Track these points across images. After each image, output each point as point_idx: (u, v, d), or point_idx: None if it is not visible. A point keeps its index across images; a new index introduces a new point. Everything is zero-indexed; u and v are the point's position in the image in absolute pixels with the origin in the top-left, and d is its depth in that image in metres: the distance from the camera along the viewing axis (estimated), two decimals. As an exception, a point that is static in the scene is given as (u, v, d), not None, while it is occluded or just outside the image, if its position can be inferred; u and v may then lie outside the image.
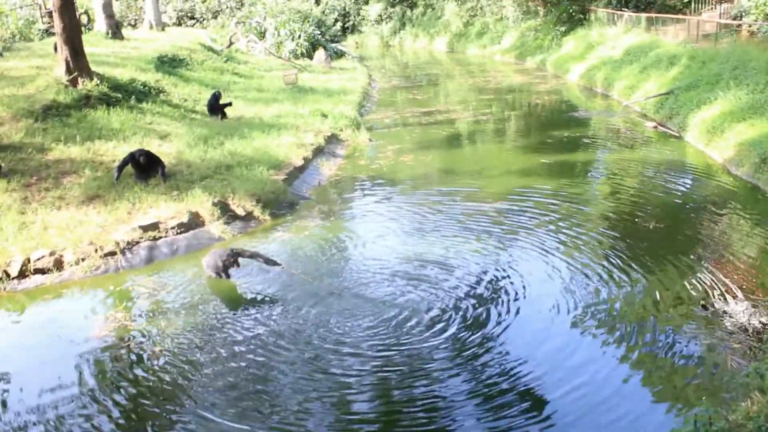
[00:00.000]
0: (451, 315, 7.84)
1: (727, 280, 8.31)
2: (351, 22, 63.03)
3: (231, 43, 32.46)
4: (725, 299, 7.81)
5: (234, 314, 8.23)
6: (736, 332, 7.06)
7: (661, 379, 6.48)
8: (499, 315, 7.82)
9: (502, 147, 17.78)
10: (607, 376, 6.62)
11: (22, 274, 9.21)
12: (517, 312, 7.91)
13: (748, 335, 6.96)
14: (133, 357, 7.29)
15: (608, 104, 22.54)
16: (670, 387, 6.36)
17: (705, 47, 21.09)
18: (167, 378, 6.86)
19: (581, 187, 13.12)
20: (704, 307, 7.65)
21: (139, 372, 7.00)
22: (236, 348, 7.38)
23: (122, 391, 6.69)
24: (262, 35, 35.93)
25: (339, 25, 59.87)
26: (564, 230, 10.43)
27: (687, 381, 6.41)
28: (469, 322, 7.66)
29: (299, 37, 35.29)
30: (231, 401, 6.43)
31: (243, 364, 7.06)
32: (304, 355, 7.17)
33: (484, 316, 7.80)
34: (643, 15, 27.79)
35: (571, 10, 33.42)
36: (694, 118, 16.19)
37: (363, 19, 62.29)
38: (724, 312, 7.49)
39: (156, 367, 7.06)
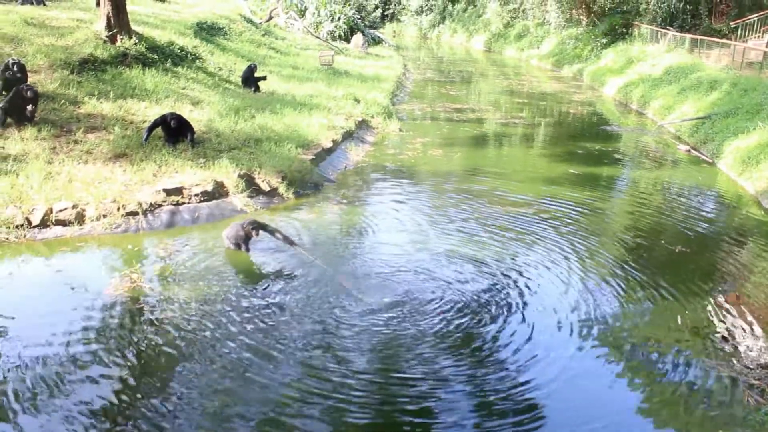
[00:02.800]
0: (457, 315, 7.70)
1: (749, 315, 8.15)
2: (391, 10, 62.99)
3: (270, 18, 32.45)
4: (746, 333, 7.66)
5: (247, 289, 8.18)
6: (755, 368, 6.91)
7: (675, 410, 6.33)
8: (508, 323, 7.63)
9: (530, 152, 17.61)
10: (616, 401, 6.45)
11: (44, 224, 9.21)
12: (527, 323, 7.68)
13: (768, 372, 6.82)
14: (142, 319, 7.26)
15: (642, 122, 22.27)
16: (683, 418, 6.21)
17: (748, 75, 20.77)
18: (172, 343, 6.83)
19: (607, 202, 12.95)
20: (725, 339, 7.50)
21: (145, 334, 6.97)
22: (243, 323, 7.32)
23: (126, 350, 6.66)
24: (302, 13, 35.91)
25: (379, 11, 59.83)
26: (585, 243, 10.27)
27: (701, 413, 6.26)
28: (474, 326, 7.50)
29: (339, 19, 35.28)
30: (231, 375, 6.37)
31: (248, 339, 7.00)
32: (307, 338, 7.10)
33: (491, 322, 7.63)
34: (688, 36, 27.41)
35: (615, 24, 33.10)
36: (729, 145, 15.93)
37: (403, 8, 62.24)
38: (745, 346, 7.34)
39: (162, 332, 7.02)
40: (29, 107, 11.48)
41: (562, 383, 6.59)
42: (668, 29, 29.86)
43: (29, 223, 9.15)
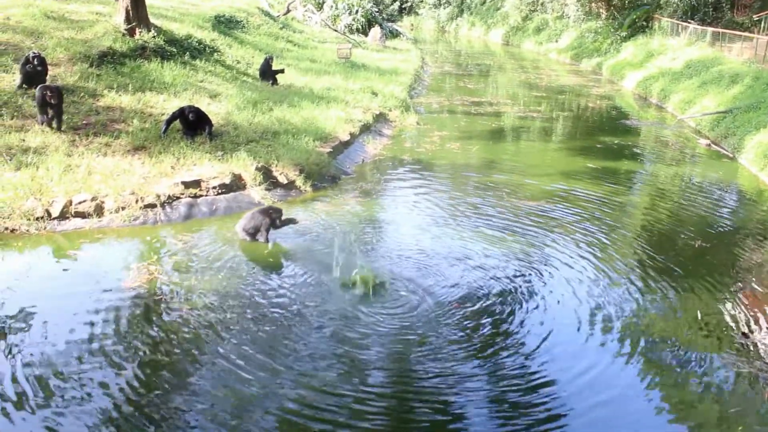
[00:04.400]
0: (474, 311, 7.66)
1: (770, 311, 8.07)
2: (409, 3, 62.89)
3: (288, 11, 32.45)
4: (766, 329, 7.57)
5: (263, 281, 8.19)
6: (776, 365, 6.85)
7: (693, 405, 6.28)
8: (524, 320, 7.58)
9: (548, 146, 17.52)
10: (634, 397, 6.37)
11: (63, 216, 9.27)
12: (544, 319, 7.62)
13: (789, 370, 6.74)
14: (160, 310, 7.29)
15: (662, 116, 22.07)
16: (701, 414, 6.16)
17: (771, 69, 20.52)
18: (190, 335, 6.85)
19: (626, 197, 12.83)
20: (745, 335, 7.42)
21: (163, 325, 7.00)
22: (260, 314, 7.35)
23: (145, 342, 6.70)
24: (319, 6, 35.90)
25: (396, 4, 59.78)
26: (604, 238, 10.19)
27: (720, 409, 6.21)
28: (492, 323, 7.45)
29: (356, 12, 35.22)
30: (248, 365, 6.38)
31: (265, 330, 7.03)
32: (324, 329, 7.12)
33: (509, 318, 7.58)
34: (709, 29, 27.11)
35: (636, 18, 32.81)
36: (751, 140, 15.74)
37: (421, 1, 62.08)
38: (765, 343, 7.26)
39: (180, 324, 7.04)
40: (56, 117, 11.45)
41: (584, 381, 6.51)
42: (689, 22, 29.55)
43: (49, 215, 9.22)
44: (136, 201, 9.74)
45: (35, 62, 12.44)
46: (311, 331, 7.07)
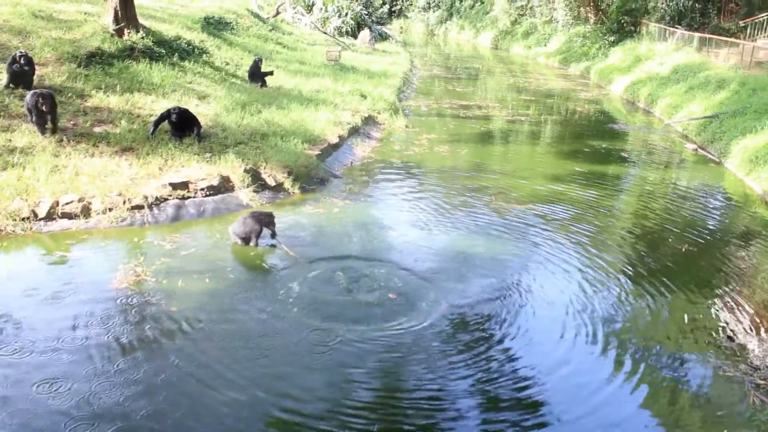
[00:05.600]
0: (461, 316, 7.66)
1: (755, 315, 8.12)
2: (398, 6, 63.09)
3: (278, 13, 32.44)
4: (752, 333, 7.62)
5: (252, 284, 8.16)
6: (761, 368, 6.89)
7: (680, 409, 6.32)
8: (511, 325, 7.56)
9: (536, 150, 17.58)
10: (619, 402, 6.39)
11: (50, 217, 9.21)
12: (530, 324, 7.62)
13: (774, 373, 6.79)
14: (146, 312, 7.24)
15: (649, 121, 22.21)
16: (688, 418, 6.19)
17: (757, 74, 20.70)
18: (176, 337, 6.82)
19: (613, 200, 12.90)
20: (730, 338, 7.47)
21: (148, 328, 6.94)
22: (248, 318, 7.31)
23: (130, 344, 6.64)
24: (309, 8, 35.90)
25: (386, 7, 59.91)
26: (591, 242, 10.23)
27: (707, 413, 6.24)
28: (479, 328, 7.45)
29: (346, 14, 35.27)
30: (233, 369, 6.35)
31: (250, 333, 7.00)
32: (309, 332, 7.09)
33: (495, 323, 7.58)
34: (696, 34, 27.31)
35: (622, 21, 32.98)
36: (737, 145, 15.87)
37: (411, 4, 62.32)
38: (751, 346, 7.31)
39: (166, 326, 6.99)
40: (49, 120, 11.33)
41: (569, 385, 6.54)
42: (676, 28, 29.76)
43: (35, 215, 9.15)
44: (124, 202, 9.69)
45: (22, 62, 12.35)
46: (297, 335, 7.04)
